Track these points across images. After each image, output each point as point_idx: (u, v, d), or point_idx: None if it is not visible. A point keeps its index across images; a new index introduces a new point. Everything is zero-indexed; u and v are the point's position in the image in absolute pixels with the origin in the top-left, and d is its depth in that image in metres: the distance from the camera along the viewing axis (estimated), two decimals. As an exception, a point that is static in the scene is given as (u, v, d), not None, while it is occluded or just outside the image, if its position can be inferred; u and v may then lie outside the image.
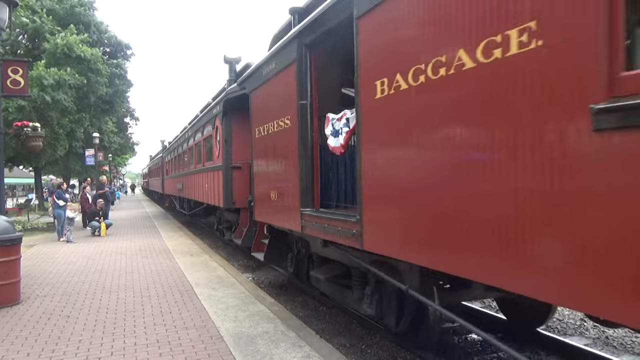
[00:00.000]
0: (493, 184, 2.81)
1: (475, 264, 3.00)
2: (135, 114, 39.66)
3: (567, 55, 2.36)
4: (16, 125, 12.39)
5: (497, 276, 2.88)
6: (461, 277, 3.32)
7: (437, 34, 3.25)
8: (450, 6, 3.08)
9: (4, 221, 6.90)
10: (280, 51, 6.18)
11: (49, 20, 20.18)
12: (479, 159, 2.91)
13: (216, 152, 11.55)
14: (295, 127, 5.79)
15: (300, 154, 5.71)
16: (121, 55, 27.69)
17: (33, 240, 14.55)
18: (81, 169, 32.41)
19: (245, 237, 9.93)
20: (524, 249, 2.63)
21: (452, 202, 3.16)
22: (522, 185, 2.62)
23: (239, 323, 5.74)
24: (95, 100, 22.23)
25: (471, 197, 2.99)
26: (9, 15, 7.43)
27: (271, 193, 6.94)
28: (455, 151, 3.11)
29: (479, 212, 2.93)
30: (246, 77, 8.02)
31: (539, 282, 2.58)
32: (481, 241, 2.91)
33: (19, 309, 6.56)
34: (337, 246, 5.29)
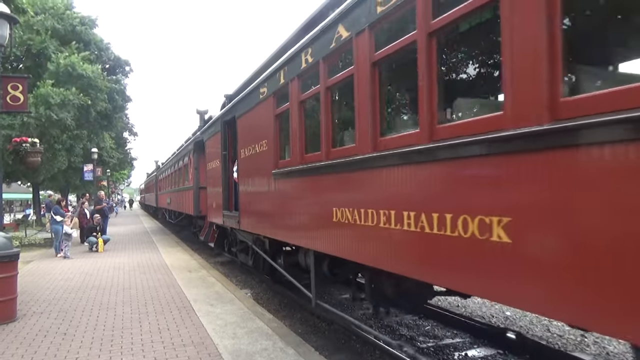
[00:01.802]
0: (274, 197, 7.04)
1: (283, 234, 6.90)
2: (134, 129, 39.79)
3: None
4: (15, 141, 12.40)
5: (289, 237, 6.79)
6: (283, 241, 7.22)
7: (256, 133, 7.86)
8: (261, 124, 7.51)
9: (2, 237, 6.87)
10: (215, 122, 11.40)
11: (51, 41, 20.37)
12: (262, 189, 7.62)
13: (190, 176, 16.42)
14: (220, 166, 10.52)
15: (223, 181, 10.40)
16: (120, 71, 27.89)
17: (30, 256, 14.46)
18: (80, 184, 32.38)
19: (206, 234, 13.98)
20: (302, 230, 6.13)
21: (268, 205, 7.35)
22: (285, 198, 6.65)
23: (238, 340, 5.69)
24: (94, 115, 22.32)
25: (271, 204, 7.22)
26: (9, 32, 7.50)
27: (213, 203, 11.67)
28: (261, 185, 7.69)
29: (277, 211, 6.96)
30: (203, 130, 13.40)
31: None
32: (286, 223, 6.69)
33: (15, 326, 6.50)
34: (238, 231, 9.91)
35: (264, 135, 7.40)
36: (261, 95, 7.49)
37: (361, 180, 4.51)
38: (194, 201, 15.19)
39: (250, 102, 8.18)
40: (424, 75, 3.48)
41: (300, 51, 5.90)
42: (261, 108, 7.57)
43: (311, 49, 5.56)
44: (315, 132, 5.67)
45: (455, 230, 3.24)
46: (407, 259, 3.89)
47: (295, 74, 6.06)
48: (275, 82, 6.85)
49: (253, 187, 8.15)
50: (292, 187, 6.43)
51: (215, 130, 11.25)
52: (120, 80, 27.01)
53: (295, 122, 6.08)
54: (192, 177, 15.77)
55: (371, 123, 4.26)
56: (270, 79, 7.06)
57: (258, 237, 8.64)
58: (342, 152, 4.94)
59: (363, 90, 4.37)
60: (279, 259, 8.09)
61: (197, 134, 14.67)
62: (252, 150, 8.07)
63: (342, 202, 4.90)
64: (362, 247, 4.55)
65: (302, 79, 6.00)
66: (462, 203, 3.20)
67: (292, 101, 6.16)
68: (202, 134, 13.35)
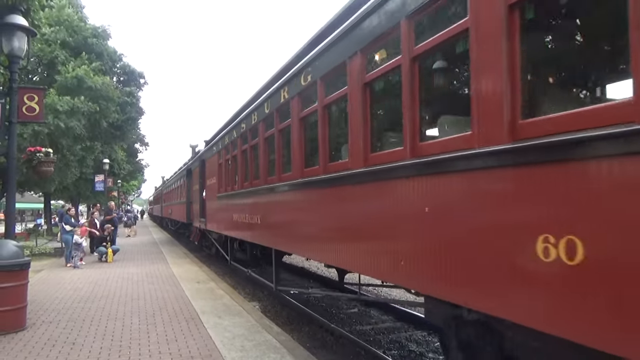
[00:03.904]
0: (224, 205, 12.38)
1: (225, 230, 12.44)
2: (145, 140, 40.10)
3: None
4: (29, 151, 12.54)
5: (228, 232, 12.16)
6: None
7: (211, 171, 14.19)
8: (213, 168, 13.81)
9: (13, 246, 6.92)
10: (196, 159, 18.12)
11: (62, 52, 20.68)
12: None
13: (184, 193, 22.47)
14: (199, 189, 16.69)
15: (200, 199, 16.33)
16: (134, 83, 28.19)
17: (40, 265, 14.55)
18: (90, 195, 32.65)
19: (193, 236, 20.05)
20: (233, 227, 11.19)
21: (216, 213, 13.35)
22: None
23: (246, 353, 5.65)
24: (106, 126, 22.55)
25: (217, 213, 13.25)
26: (27, 44, 7.66)
27: (195, 213, 17.71)
28: (213, 202, 13.80)
29: (220, 217, 12.80)
30: (191, 162, 20.35)
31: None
32: (225, 224, 12.25)
33: (24, 335, 6.52)
34: (205, 230, 15.67)
35: (214, 173, 13.76)
36: (214, 150, 14.09)
37: (257, 202, 8.88)
38: (186, 212, 20.92)
39: (210, 153, 14.74)
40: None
41: (240, 120, 10.32)
42: (213, 158, 14.05)
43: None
44: (232, 176, 11.45)
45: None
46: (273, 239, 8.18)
47: (229, 141, 11.59)
48: (219, 144, 12.98)
49: (210, 203, 14.45)
50: (226, 203, 12.01)
51: (196, 164, 18.04)
52: (134, 92, 27.30)
53: (223, 172, 12.49)
54: (184, 195, 22.05)
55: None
56: (218, 143, 13.27)
57: (218, 234, 13.98)
58: (246, 186, 9.77)
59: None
60: (231, 247, 13.07)
61: (189, 163, 21.65)
62: (210, 181, 14.51)
63: (248, 212, 9.52)
64: (252, 235, 9.50)
65: (228, 149, 11.84)
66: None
67: (223, 159, 12.47)
68: (191, 164, 20.52)
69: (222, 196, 12.18)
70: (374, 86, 4.70)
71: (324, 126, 5.82)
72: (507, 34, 2.96)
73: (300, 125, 6.63)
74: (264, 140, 8.39)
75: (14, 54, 7.40)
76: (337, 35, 5.28)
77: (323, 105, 5.79)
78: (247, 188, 9.52)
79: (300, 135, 6.60)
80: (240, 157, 10.28)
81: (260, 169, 8.51)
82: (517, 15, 2.95)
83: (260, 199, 8.51)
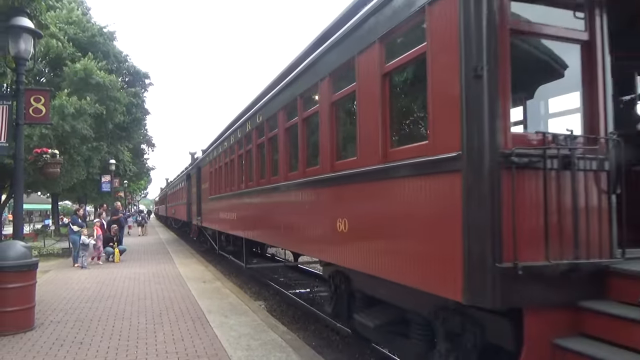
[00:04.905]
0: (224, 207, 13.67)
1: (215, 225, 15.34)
2: (152, 141, 40.30)
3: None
4: (36, 152, 12.63)
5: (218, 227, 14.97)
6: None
7: (205, 177, 17.52)
8: (206, 174, 17.17)
9: (21, 246, 6.97)
10: (194, 166, 21.59)
11: (70, 47, 20.79)
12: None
13: (185, 194, 25.18)
14: (196, 191, 19.97)
15: (197, 200, 19.49)
16: (140, 84, 28.31)
17: (48, 266, 14.67)
18: (97, 195, 32.83)
19: (193, 234, 23.38)
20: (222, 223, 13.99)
21: (209, 212, 16.36)
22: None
23: (252, 352, 5.67)
24: (112, 127, 22.66)
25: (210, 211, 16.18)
26: (33, 46, 7.71)
27: (193, 212, 20.72)
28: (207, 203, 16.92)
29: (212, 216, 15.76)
30: (191, 168, 23.07)
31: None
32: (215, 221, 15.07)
33: (32, 335, 6.57)
34: (201, 227, 18.95)
35: (207, 179, 16.83)
36: (206, 159, 17.25)
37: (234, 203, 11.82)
38: (187, 211, 23.71)
39: (204, 162, 17.99)
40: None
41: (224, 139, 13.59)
42: (206, 167, 17.21)
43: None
44: (219, 182, 14.27)
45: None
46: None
47: (217, 154, 14.76)
48: (210, 155, 16.21)
49: (205, 204, 17.60)
50: (215, 204, 14.73)
51: (194, 170, 21.27)
52: (139, 93, 27.41)
53: (213, 178, 15.25)
54: (185, 196, 24.85)
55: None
56: (209, 154, 16.52)
57: (211, 229, 16.80)
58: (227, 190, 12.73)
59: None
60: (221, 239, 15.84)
61: (189, 168, 24.48)
62: (205, 185, 17.68)
63: (229, 211, 12.47)
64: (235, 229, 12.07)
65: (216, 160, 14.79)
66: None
67: (213, 168, 15.29)
68: (190, 170, 23.51)
69: (213, 198, 15.29)
70: (309, 122, 6.70)
71: (268, 150, 8.80)
72: (381, 94, 4.48)
73: (257, 149, 9.48)
74: (238, 157, 11.53)
75: (20, 56, 7.45)
76: (271, 95, 8.49)
77: (268, 138, 8.75)
78: (227, 192, 12.71)
79: (258, 155, 9.47)
80: (224, 167, 13.48)
81: (236, 178, 11.72)
82: (387, 81, 4.48)
83: (235, 201, 11.64)
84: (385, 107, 4.46)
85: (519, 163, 3.21)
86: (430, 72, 3.77)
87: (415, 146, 4.08)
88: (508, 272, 3.11)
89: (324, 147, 5.87)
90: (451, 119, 3.48)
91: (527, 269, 3.12)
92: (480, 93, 3.27)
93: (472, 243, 3.26)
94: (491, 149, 3.23)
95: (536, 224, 3.27)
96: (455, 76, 3.44)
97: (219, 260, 16.79)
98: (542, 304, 3.29)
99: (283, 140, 7.68)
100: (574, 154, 3.34)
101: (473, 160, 3.29)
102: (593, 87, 3.68)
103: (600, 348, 3.06)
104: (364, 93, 4.85)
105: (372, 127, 4.60)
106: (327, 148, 5.77)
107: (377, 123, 4.50)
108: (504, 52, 3.31)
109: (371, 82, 4.64)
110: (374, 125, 4.57)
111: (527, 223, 3.24)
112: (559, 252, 3.26)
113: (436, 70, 3.72)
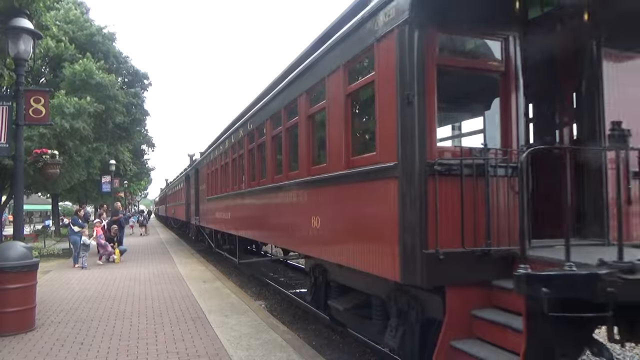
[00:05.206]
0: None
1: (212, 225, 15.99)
2: (152, 141, 40.20)
3: None
4: (36, 153, 12.62)
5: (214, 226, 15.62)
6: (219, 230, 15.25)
7: (203, 178, 18.40)
8: (204, 176, 18.13)
9: (22, 247, 6.98)
10: (193, 167, 22.57)
11: (72, 48, 20.78)
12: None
13: (183, 195, 26.07)
14: (194, 192, 21.15)
15: (195, 200, 20.52)
16: (139, 85, 28.28)
17: (49, 267, 14.67)
18: (97, 196, 32.81)
19: (192, 233, 24.15)
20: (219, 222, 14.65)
21: (207, 212, 16.96)
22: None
23: (252, 351, 5.68)
24: (112, 127, 22.65)
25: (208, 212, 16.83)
26: (33, 47, 7.71)
27: (192, 212, 21.49)
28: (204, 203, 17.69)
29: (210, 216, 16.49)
30: (190, 169, 23.75)
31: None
32: (213, 220, 15.64)
33: (33, 335, 6.58)
34: (199, 226, 19.73)
35: (205, 180, 17.73)
36: (204, 162, 18.15)
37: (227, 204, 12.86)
38: (185, 211, 24.63)
39: (202, 164, 18.95)
40: None
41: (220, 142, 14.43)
42: (204, 168, 18.19)
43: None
44: (215, 183, 15.14)
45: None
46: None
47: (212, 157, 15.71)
48: (207, 158, 17.14)
49: (202, 204, 18.35)
50: (212, 204, 15.58)
51: (192, 172, 22.30)
52: (139, 94, 27.39)
53: (210, 180, 16.09)
54: (184, 197, 25.81)
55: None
56: (206, 157, 17.53)
57: (208, 228, 17.45)
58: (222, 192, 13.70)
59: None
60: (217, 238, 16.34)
61: (187, 170, 25.49)
62: (202, 186, 18.46)
63: (224, 210, 13.41)
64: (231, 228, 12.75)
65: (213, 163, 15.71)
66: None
67: (210, 170, 16.27)
68: (188, 171, 24.41)
69: (210, 199, 16.15)
70: (291, 131, 7.49)
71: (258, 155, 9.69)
72: (344, 111, 5.34)
73: (248, 154, 10.41)
74: (232, 160, 12.44)
75: (20, 56, 7.45)
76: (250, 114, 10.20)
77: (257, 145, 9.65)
78: (222, 193, 13.67)
79: (249, 159, 10.39)
80: (219, 170, 14.33)
81: (230, 180, 12.67)
82: (349, 100, 5.34)
83: (229, 202, 12.63)
84: (348, 121, 5.37)
85: (441, 171, 4.05)
86: (377, 96, 4.66)
87: (367, 156, 4.94)
88: (432, 257, 3.91)
89: (302, 154, 6.73)
90: (390, 135, 4.33)
91: (447, 254, 3.92)
92: (411, 116, 4.07)
93: (405, 235, 4.09)
94: (419, 160, 4.04)
95: (454, 219, 4.07)
96: (393, 101, 4.28)
97: (218, 260, 16.81)
98: (460, 282, 4.09)
99: (270, 146, 8.56)
100: (488, 163, 4.16)
101: (406, 168, 4.12)
102: (508, 109, 4.53)
103: (508, 317, 3.78)
104: (332, 108, 5.73)
105: (338, 138, 5.48)
106: (305, 155, 6.66)
107: (341, 134, 5.40)
108: (430, 83, 4.12)
109: (337, 100, 5.53)
110: (339, 136, 5.45)
111: (447, 218, 4.04)
112: (472, 241, 4.07)
113: (381, 96, 4.59)
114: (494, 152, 4.37)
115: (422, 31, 4.10)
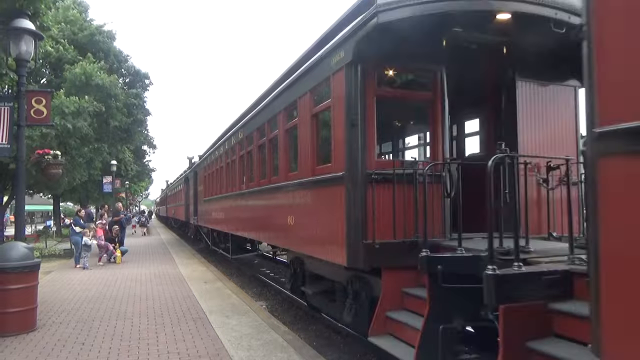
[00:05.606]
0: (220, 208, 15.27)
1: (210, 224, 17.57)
2: (153, 142, 40.19)
3: None
4: (38, 153, 12.64)
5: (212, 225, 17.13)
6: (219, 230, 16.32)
7: (201, 180, 20.05)
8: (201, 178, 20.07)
9: (23, 248, 6.99)
10: (192, 170, 23.80)
11: (72, 50, 20.80)
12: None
13: (182, 196, 27.91)
14: (193, 193, 22.72)
15: (194, 201, 22.05)
16: (140, 85, 28.26)
17: (50, 267, 14.68)
18: (98, 196, 32.83)
19: (191, 232, 25.40)
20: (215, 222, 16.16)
21: (204, 212, 18.76)
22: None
23: (253, 352, 5.69)
24: (113, 127, 22.66)
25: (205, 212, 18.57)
26: (34, 47, 7.72)
27: (191, 212, 22.99)
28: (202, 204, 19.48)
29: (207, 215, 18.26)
30: (189, 172, 25.25)
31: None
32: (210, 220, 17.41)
33: (34, 336, 6.60)
34: (198, 225, 21.29)
35: (202, 182, 19.30)
36: (201, 165, 19.69)
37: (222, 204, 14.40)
38: (185, 212, 25.99)
39: (200, 167, 20.28)
40: None
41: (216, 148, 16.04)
42: (201, 171, 19.75)
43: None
44: (211, 185, 16.88)
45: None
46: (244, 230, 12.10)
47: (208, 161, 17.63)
48: (204, 162, 18.95)
49: (200, 205, 19.72)
50: (209, 205, 17.22)
51: (191, 174, 23.59)
52: (140, 94, 27.38)
53: (207, 182, 17.95)
54: (183, 198, 27.35)
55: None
56: (204, 160, 19.14)
57: (205, 227, 18.76)
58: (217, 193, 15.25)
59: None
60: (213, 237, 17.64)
61: (187, 172, 26.84)
62: (200, 188, 19.89)
63: (219, 211, 15.09)
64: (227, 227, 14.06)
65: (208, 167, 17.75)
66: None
67: (207, 172, 18.12)
68: (188, 173, 25.91)
69: (207, 200, 17.66)
70: (273, 142, 8.85)
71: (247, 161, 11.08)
72: (311, 128, 6.64)
73: (239, 159, 11.85)
74: (226, 164, 13.81)
75: (22, 57, 7.47)
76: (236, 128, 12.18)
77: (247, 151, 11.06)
78: (217, 195, 15.11)
79: (240, 164, 11.81)
80: (215, 173, 15.93)
81: (223, 182, 14.08)
82: (315, 119, 6.64)
83: (223, 203, 13.97)
84: (313, 136, 6.61)
85: (377, 179, 5.27)
86: (332, 118, 5.95)
87: (326, 166, 6.16)
88: (370, 246, 5.16)
89: (282, 162, 8.12)
90: (341, 150, 5.59)
91: (382, 244, 5.16)
92: (355, 135, 5.32)
93: (350, 229, 5.32)
94: (361, 170, 5.27)
95: (388, 217, 5.26)
96: (342, 124, 5.56)
97: (219, 260, 16.82)
98: (393, 266, 5.24)
99: (256, 154, 10.08)
100: (416, 172, 5.22)
101: (351, 177, 5.36)
102: (436, 129, 5.74)
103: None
104: (302, 125, 7.02)
105: (307, 150, 6.75)
106: (284, 162, 8.05)
107: (308, 147, 6.69)
108: (370, 110, 5.40)
109: (306, 118, 6.85)
110: (307, 148, 6.74)
111: (382, 216, 5.26)
112: (402, 234, 5.25)
113: (335, 118, 5.85)
114: (422, 164, 5.56)
115: (363, 70, 5.32)
